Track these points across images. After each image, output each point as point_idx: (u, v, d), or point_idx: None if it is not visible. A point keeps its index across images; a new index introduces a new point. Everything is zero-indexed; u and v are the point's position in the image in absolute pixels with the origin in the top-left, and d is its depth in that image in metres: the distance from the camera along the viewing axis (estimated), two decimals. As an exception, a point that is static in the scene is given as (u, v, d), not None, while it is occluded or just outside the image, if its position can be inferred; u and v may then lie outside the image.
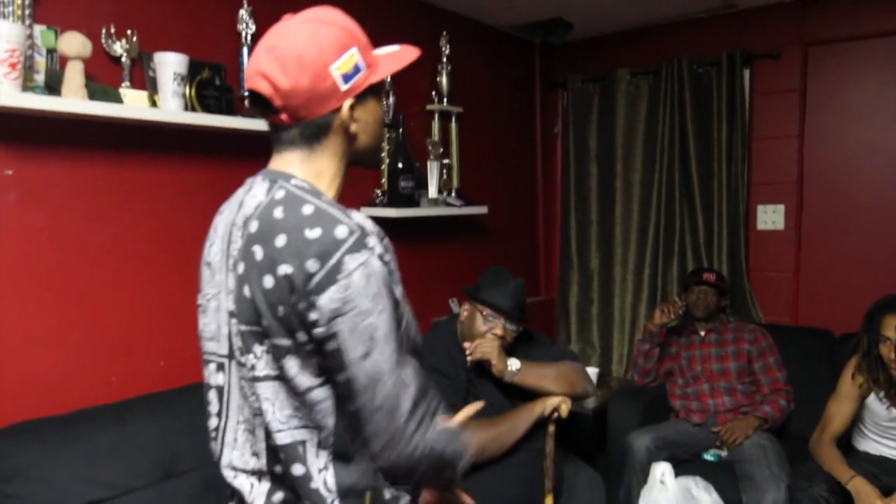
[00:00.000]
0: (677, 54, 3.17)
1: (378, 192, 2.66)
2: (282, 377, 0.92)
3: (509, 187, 3.54)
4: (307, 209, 0.93)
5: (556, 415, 1.92)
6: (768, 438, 2.49)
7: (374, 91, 1.03)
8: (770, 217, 3.08)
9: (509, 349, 2.03)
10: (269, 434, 0.94)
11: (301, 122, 0.97)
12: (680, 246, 3.22)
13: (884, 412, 2.19)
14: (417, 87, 2.89)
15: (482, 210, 3.03)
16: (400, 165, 2.59)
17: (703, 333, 2.82)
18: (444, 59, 2.93)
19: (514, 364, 1.91)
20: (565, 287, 3.62)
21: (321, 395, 0.93)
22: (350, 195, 2.58)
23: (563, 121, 3.63)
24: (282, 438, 0.93)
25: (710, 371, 2.73)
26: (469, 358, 1.93)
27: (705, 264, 3.13)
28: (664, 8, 3.12)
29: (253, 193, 0.99)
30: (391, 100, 2.66)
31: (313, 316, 0.88)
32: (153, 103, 1.88)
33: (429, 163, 2.75)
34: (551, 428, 1.95)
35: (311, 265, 0.88)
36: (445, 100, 2.95)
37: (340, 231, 0.90)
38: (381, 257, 0.91)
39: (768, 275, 3.10)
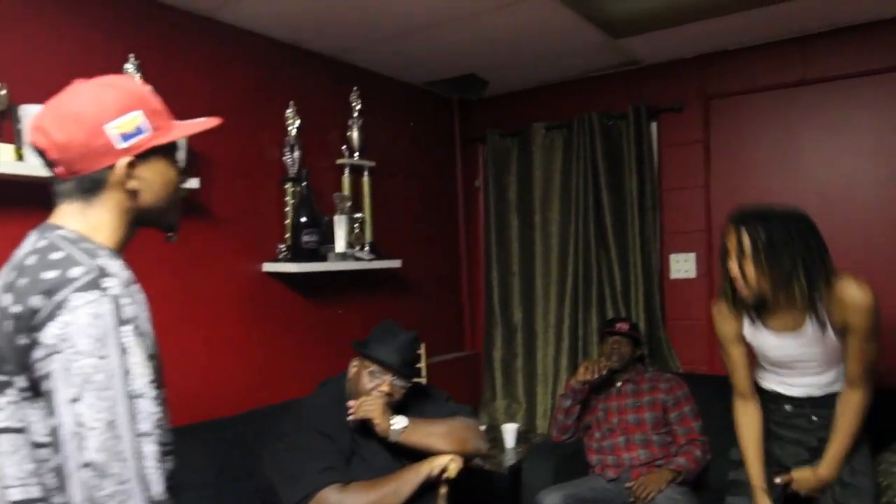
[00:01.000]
0: (588, 108, 3.24)
1: (282, 246, 2.60)
2: (23, 430, 0.88)
3: (431, 241, 3.52)
4: (56, 255, 0.92)
5: (444, 475, 1.84)
6: (682, 492, 2.44)
7: (164, 152, 1.05)
8: (682, 265, 3.11)
9: (401, 405, 1.95)
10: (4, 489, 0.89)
11: (76, 176, 0.99)
12: (598, 296, 3.22)
13: (761, 340, 1.98)
14: (327, 142, 2.88)
15: (395, 264, 2.99)
16: (304, 219, 2.55)
17: (619, 384, 2.78)
18: (355, 115, 2.93)
19: (399, 422, 1.83)
20: (489, 341, 3.57)
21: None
22: (252, 250, 2.55)
23: (484, 174, 3.66)
24: (13, 495, 0.88)
25: (626, 423, 2.69)
26: (350, 417, 1.84)
27: (623, 314, 3.13)
28: (574, 65, 3.21)
29: (23, 245, 0.98)
30: (296, 154, 2.64)
31: (36, 354, 0.85)
32: (20, 157, 1.81)
33: (335, 217, 2.71)
34: (442, 489, 1.86)
35: (37, 301, 0.87)
36: (357, 154, 2.93)
37: (75, 271, 0.89)
38: (116, 299, 0.88)
39: (683, 323, 3.11)
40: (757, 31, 2.80)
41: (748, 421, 2.02)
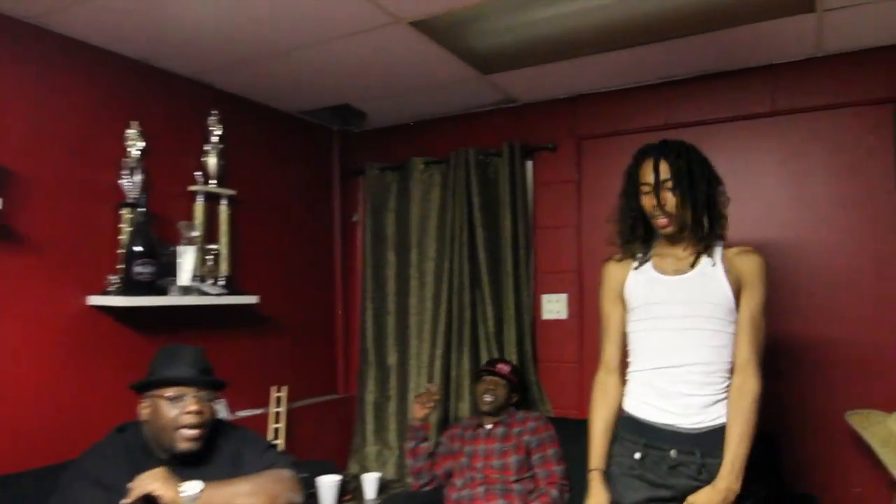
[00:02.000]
0: (467, 144, 3.18)
1: (114, 278, 2.36)
2: None
3: (303, 277, 3.34)
4: None
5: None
6: None
7: None
8: (554, 306, 3.05)
9: (212, 449, 1.75)
10: None
11: None
12: (471, 336, 3.11)
13: (646, 284, 1.83)
14: (181, 167, 2.69)
15: (251, 300, 2.80)
16: (138, 248, 2.33)
17: (489, 427, 2.68)
18: (214, 139, 2.76)
19: (191, 488, 1.58)
20: (362, 383, 3.39)
21: None
22: (75, 281, 2.29)
23: (363, 209, 3.53)
24: None
25: (491, 469, 2.56)
26: (124, 501, 1.53)
27: (496, 355, 3.02)
28: (452, 100, 3.16)
29: None
30: (137, 178, 2.43)
31: None
32: None
33: (179, 247, 2.50)
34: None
35: None
36: (214, 182, 2.75)
37: None
38: None
39: (555, 365, 3.03)
40: (623, 75, 2.83)
41: (606, 398, 1.90)
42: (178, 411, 1.72)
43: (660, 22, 2.29)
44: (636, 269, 1.88)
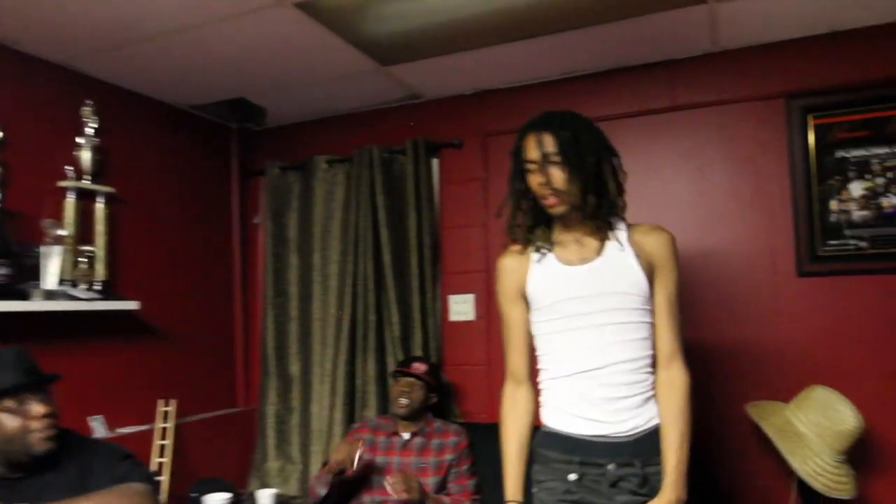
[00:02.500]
0: (371, 143, 3.05)
1: (-38, 280, 2.11)
2: None
3: (198, 283, 3.13)
4: None
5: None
6: None
7: None
8: (461, 307, 2.95)
9: (56, 460, 1.56)
10: None
11: None
12: (377, 341, 2.97)
13: (550, 277, 1.62)
14: (48, 160, 2.45)
15: (130, 305, 2.57)
16: (-9, 248, 2.09)
17: (406, 436, 2.51)
18: (89, 132, 2.54)
19: None
20: (263, 395, 3.19)
21: None
22: None
23: (264, 210, 3.34)
24: None
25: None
26: None
27: (401, 360, 2.89)
28: (354, 95, 3.04)
29: None
30: (-7, 170, 2.19)
31: None
32: None
33: (43, 248, 2.27)
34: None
35: None
36: (90, 178, 2.53)
37: None
38: None
39: (462, 368, 2.93)
40: (527, 70, 2.78)
41: (518, 414, 1.67)
42: (19, 425, 1.53)
43: (557, 11, 2.24)
44: (538, 262, 1.64)
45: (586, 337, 1.56)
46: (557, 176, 1.54)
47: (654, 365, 1.59)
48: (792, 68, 2.50)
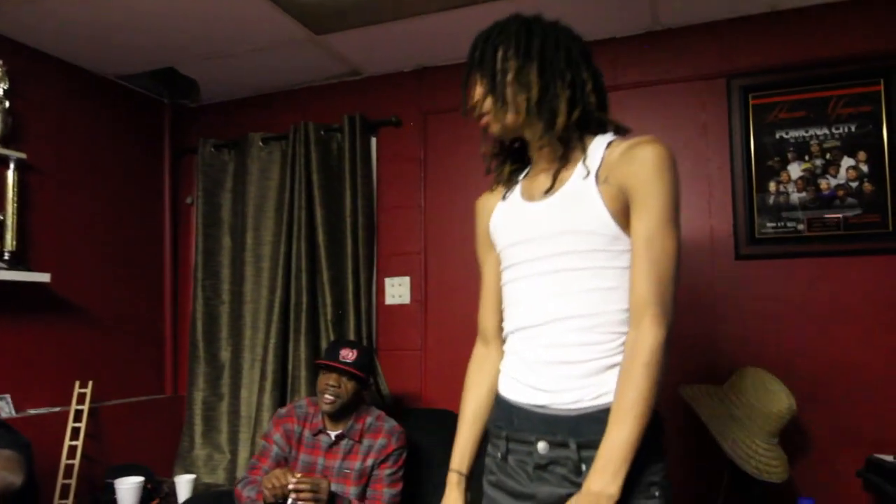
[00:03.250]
0: (308, 119, 2.94)
1: None
2: None
3: (125, 263, 2.99)
4: None
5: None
6: None
7: None
8: (397, 290, 2.85)
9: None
10: None
11: None
12: (309, 324, 2.84)
13: (510, 217, 1.37)
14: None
15: (40, 278, 2.42)
16: None
17: (333, 435, 2.22)
18: (-3, 94, 2.39)
19: None
20: (192, 381, 3.04)
21: None
22: None
23: (196, 189, 3.20)
24: None
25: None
26: None
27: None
28: (290, 70, 2.93)
29: None
30: None
31: None
32: None
33: (-64, 211, 2.11)
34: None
35: None
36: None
37: None
38: None
39: (398, 353, 2.82)
40: (468, 44, 2.69)
41: (480, 377, 1.44)
42: None
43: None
44: (504, 198, 1.40)
45: (530, 286, 1.29)
46: (476, 92, 1.30)
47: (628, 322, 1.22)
48: (732, 48, 2.46)
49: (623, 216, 1.21)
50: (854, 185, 2.30)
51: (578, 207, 1.23)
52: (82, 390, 2.63)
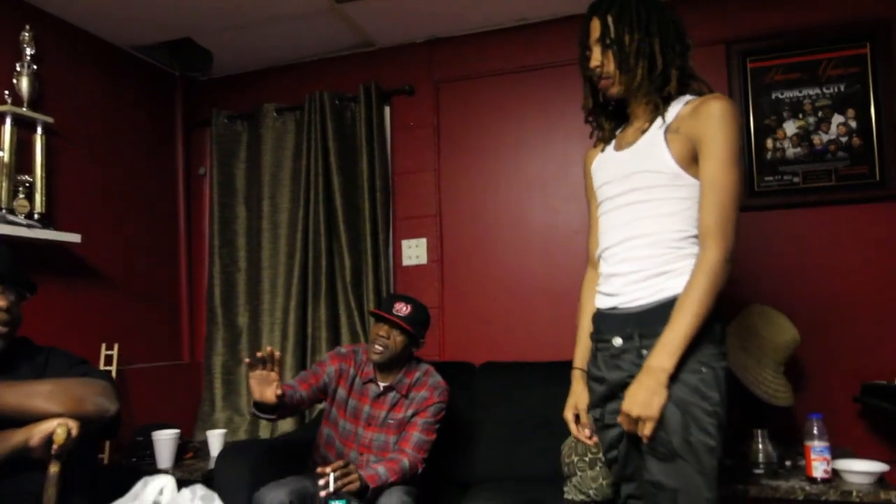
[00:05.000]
0: (321, 90, 3.03)
1: None
2: None
3: (142, 231, 3.05)
4: None
5: (53, 446, 1.39)
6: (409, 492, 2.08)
7: None
8: (414, 252, 2.97)
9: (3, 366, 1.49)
10: None
11: None
12: (329, 287, 2.94)
13: (603, 166, 1.63)
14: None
15: (71, 238, 2.48)
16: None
17: (382, 386, 2.25)
18: (27, 58, 2.44)
19: None
20: (210, 346, 3.11)
21: None
22: None
23: (210, 161, 3.27)
24: None
25: (369, 441, 2.24)
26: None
27: (353, 304, 2.89)
28: (306, 41, 3.01)
29: None
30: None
31: None
32: None
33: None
34: (53, 468, 1.40)
35: None
36: (26, 106, 2.42)
37: None
38: None
39: (415, 312, 2.93)
40: (480, 17, 2.82)
41: (588, 295, 1.70)
42: None
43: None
44: (602, 150, 1.69)
45: (611, 217, 1.58)
46: (599, 58, 1.55)
47: (692, 240, 1.46)
48: (731, 16, 2.63)
49: (686, 159, 1.46)
50: (844, 139, 2.49)
51: (648, 152, 1.50)
52: (108, 352, 2.69)
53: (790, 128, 2.55)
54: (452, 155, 2.97)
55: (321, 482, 1.78)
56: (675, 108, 1.50)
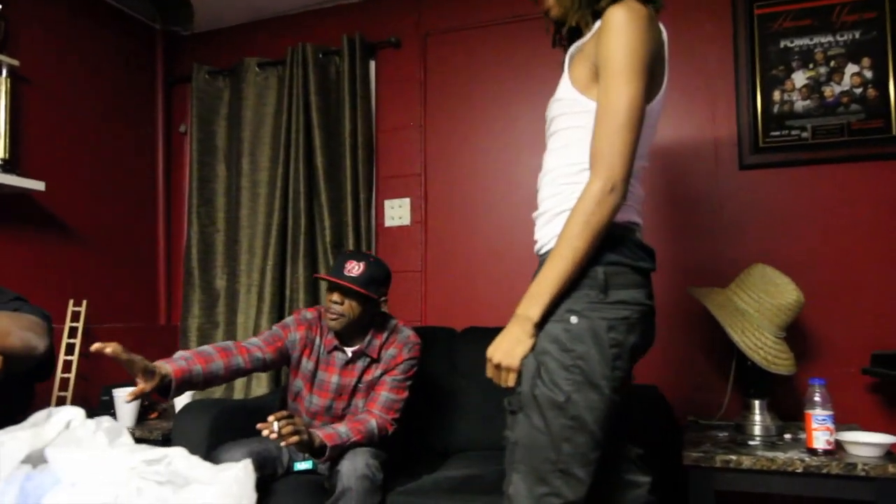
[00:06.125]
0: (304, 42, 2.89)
1: None
2: None
3: (118, 189, 2.93)
4: None
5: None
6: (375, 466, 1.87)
7: None
8: (396, 212, 2.82)
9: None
10: None
11: None
12: (308, 247, 2.80)
13: None
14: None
15: (34, 185, 2.36)
16: None
17: (349, 353, 2.06)
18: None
19: None
20: (187, 310, 2.99)
21: None
22: None
23: (190, 117, 3.14)
24: None
25: (336, 410, 2.07)
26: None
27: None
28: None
29: None
30: None
31: None
32: None
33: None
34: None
35: None
36: (-12, 46, 2.30)
37: None
38: None
39: (398, 275, 2.75)
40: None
41: None
42: None
43: None
44: None
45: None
46: None
47: (585, 173, 1.27)
48: (737, -42, 2.44)
49: (584, 81, 1.29)
50: (858, 91, 2.30)
51: (562, 77, 1.36)
52: (76, 308, 2.58)
53: (799, 79, 2.36)
54: (439, 111, 2.81)
55: (264, 433, 1.65)
56: (597, 25, 1.29)
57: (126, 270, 2.94)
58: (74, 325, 2.54)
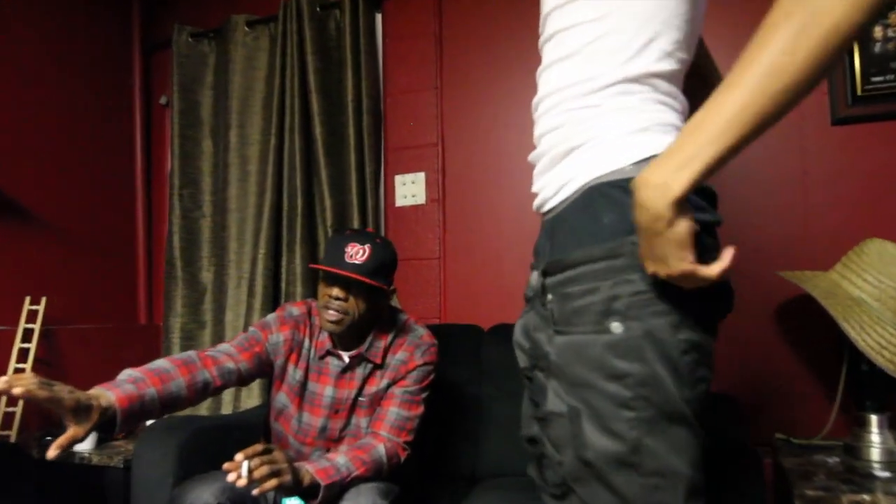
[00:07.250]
0: (300, -3, 2.47)
1: None
2: None
3: (90, 170, 2.53)
4: None
5: None
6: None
7: None
8: (409, 189, 2.38)
9: None
10: None
11: None
12: (306, 232, 2.38)
13: None
14: None
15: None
16: None
17: (346, 359, 1.64)
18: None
19: None
20: (169, 307, 2.58)
21: None
22: None
23: (171, 87, 2.73)
24: None
25: (332, 431, 1.64)
26: None
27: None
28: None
29: None
30: None
31: None
32: None
33: None
34: None
35: None
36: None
37: None
38: None
39: (412, 263, 2.36)
40: None
41: None
42: None
43: None
44: None
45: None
46: None
47: (612, 88, 0.85)
48: None
49: None
50: None
51: None
52: (33, 307, 2.18)
53: (908, 10, 1.89)
54: (459, 71, 2.37)
55: (231, 478, 1.21)
56: None
57: (98, 262, 2.55)
58: (30, 326, 2.14)
